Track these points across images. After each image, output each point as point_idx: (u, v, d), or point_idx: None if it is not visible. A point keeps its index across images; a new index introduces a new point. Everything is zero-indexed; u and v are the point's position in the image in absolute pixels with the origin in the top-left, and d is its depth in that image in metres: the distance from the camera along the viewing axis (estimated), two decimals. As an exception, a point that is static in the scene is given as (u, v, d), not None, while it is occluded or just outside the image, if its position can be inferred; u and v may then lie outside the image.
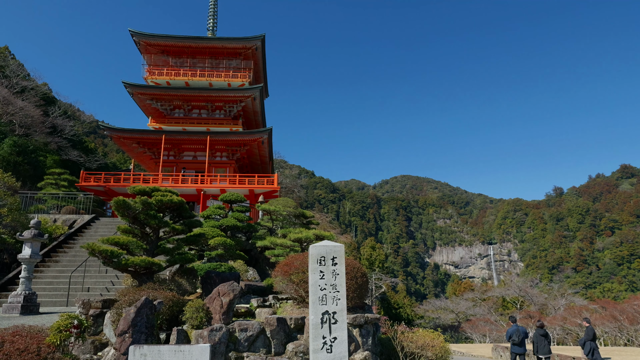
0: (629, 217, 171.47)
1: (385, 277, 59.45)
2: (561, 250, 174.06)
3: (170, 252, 11.84)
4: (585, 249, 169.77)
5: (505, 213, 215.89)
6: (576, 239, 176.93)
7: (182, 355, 6.36)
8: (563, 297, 49.91)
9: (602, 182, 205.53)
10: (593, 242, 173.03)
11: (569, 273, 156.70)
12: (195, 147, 36.70)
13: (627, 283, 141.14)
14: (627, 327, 28.23)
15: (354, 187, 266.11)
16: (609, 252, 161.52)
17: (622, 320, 28.76)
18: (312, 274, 6.18)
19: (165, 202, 11.72)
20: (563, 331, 36.22)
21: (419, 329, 9.55)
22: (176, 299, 9.22)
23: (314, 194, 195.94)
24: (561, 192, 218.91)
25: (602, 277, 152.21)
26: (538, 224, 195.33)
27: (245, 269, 15.30)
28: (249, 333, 8.18)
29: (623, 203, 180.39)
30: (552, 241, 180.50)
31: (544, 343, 13.02)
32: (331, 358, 5.87)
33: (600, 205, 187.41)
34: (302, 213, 19.58)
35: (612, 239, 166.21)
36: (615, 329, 29.55)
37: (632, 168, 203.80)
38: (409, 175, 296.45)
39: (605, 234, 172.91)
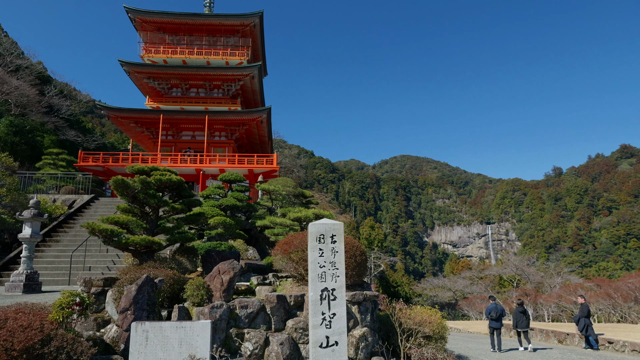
0: (626, 197, 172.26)
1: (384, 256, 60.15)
2: (558, 229, 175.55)
3: (170, 231, 11.89)
4: (583, 228, 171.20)
5: (504, 193, 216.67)
6: (574, 219, 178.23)
7: (184, 331, 6.45)
8: (559, 276, 50.63)
9: (601, 162, 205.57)
10: (590, 221, 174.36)
11: (565, 252, 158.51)
12: (193, 127, 36.44)
13: (622, 262, 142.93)
14: (621, 304, 28.74)
15: (353, 167, 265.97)
16: (605, 231, 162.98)
17: (616, 298, 29.25)
18: (312, 251, 6.22)
19: (165, 182, 11.69)
20: (558, 308, 36.88)
21: (416, 306, 9.69)
22: (177, 277, 9.30)
23: (314, 174, 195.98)
24: (560, 172, 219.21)
25: (598, 256, 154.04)
26: (536, 203, 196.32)
27: (245, 248, 15.42)
28: (250, 310, 8.29)
29: (621, 183, 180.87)
30: (550, 221, 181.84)
31: (523, 319, 14.38)
32: (330, 333, 5.96)
33: (598, 185, 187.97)
34: (301, 193, 19.61)
35: (609, 219, 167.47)
36: (609, 306, 30.09)
37: (631, 148, 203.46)
38: (408, 155, 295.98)
39: (602, 213, 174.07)
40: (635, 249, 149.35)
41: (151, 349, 6.33)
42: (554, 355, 13.30)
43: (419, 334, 8.53)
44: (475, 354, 13.85)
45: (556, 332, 18.76)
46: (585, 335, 15.47)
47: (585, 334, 15.45)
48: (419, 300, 56.18)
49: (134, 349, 6.34)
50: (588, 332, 15.37)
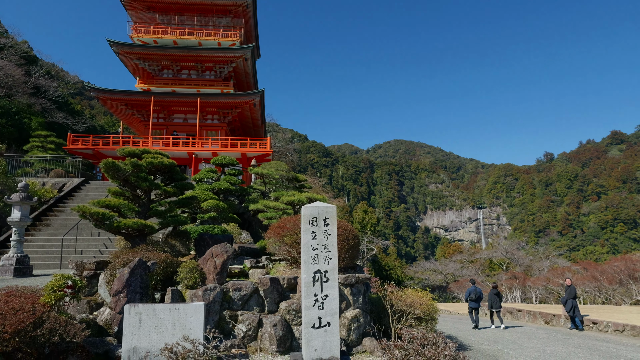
0: (615, 182, 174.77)
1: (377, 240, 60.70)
2: (548, 214, 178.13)
3: (163, 215, 11.85)
4: (572, 213, 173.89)
5: (496, 178, 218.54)
6: (563, 204, 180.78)
7: (177, 313, 6.49)
8: (547, 259, 51.60)
9: (591, 148, 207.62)
10: (579, 206, 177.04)
11: (554, 236, 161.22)
12: (185, 110, 36.00)
13: (609, 246, 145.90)
14: (606, 286, 29.45)
15: (347, 151, 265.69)
16: (594, 216, 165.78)
17: (601, 281, 29.95)
18: (305, 234, 6.24)
19: (156, 165, 11.59)
20: (546, 291, 37.70)
21: (408, 289, 9.83)
22: (170, 260, 9.31)
23: (307, 158, 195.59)
24: (551, 157, 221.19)
25: (586, 240, 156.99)
26: (527, 189, 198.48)
27: (239, 231, 15.44)
28: (243, 292, 8.36)
29: (611, 169, 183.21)
30: (540, 205, 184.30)
31: (496, 300, 16.45)
32: (322, 314, 6.04)
33: (588, 171, 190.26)
34: (295, 176, 19.57)
35: (597, 204, 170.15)
36: (595, 289, 30.82)
37: (622, 134, 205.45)
38: (402, 140, 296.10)
39: (591, 198, 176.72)
40: (621, 234, 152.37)
41: (145, 331, 6.37)
42: (526, 331, 14.75)
43: (410, 316, 8.68)
44: (465, 334, 14.17)
45: (543, 314, 19.22)
46: (572, 316, 15.88)
47: (572, 315, 15.85)
48: (410, 283, 57.03)
49: (127, 330, 6.37)
50: (575, 313, 15.77)
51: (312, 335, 6.02)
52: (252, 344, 7.90)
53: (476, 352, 10.40)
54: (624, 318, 16.00)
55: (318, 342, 6.00)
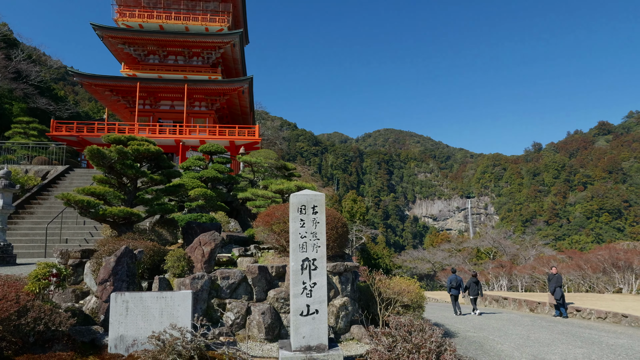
0: (601, 172, 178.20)
1: (366, 229, 61.17)
2: (535, 204, 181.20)
3: (149, 203, 11.75)
4: (558, 203, 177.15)
5: (484, 168, 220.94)
6: (550, 194, 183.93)
7: (165, 302, 6.49)
8: (533, 248, 52.62)
9: (579, 139, 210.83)
10: (566, 196, 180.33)
11: (541, 226, 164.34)
12: (172, 96, 35.48)
13: (594, 235, 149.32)
14: (590, 275, 30.18)
15: (336, 140, 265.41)
16: (580, 206, 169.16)
17: (586, 269, 30.67)
18: (293, 222, 6.26)
19: (142, 152, 11.45)
20: (531, 279, 38.50)
21: (396, 277, 9.96)
22: (157, 248, 9.27)
23: (296, 147, 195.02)
24: (540, 147, 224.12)
25: (571, 229, 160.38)
26: (515, 178, 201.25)
27: (227, 220, 15.41)
28: (231, 281, 8.38)
29: (597, 159, 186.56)
30: (528, 195, 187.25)
31: (475, 287, 17.68)
32: (311, 302, 6.10)
33: (575, 161, 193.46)
34: (283, 165, 19.54)
35: (583, 194, 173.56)
36: (579, 277, 31.58)
37: (609, 125, 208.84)
38: (392, 129, 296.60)
39: (578, 188, 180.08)
40: (606, 223, 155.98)
41: (132, 319, 6.36)
42: (511, 319, 15.25)
43: (398, 303, 8.81)
44: (451, 322, 14.46)
45: (528, 302, 19.69)
46: (560, 304, 16.30)
47: (560, 302, 16.28)
48: (398, 271, 57.81)
49: (114, 319, 6.36)
50: (561, 301, 16.19)
51: (300, 322, 6.09)
52: (240, 332, 7.95)
53: (462, 338, 10.62)
54: (606, 306, 16.48)
55: (306, 330, 6.07)
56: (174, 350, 5.66)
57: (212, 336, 6.54)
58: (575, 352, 9.06)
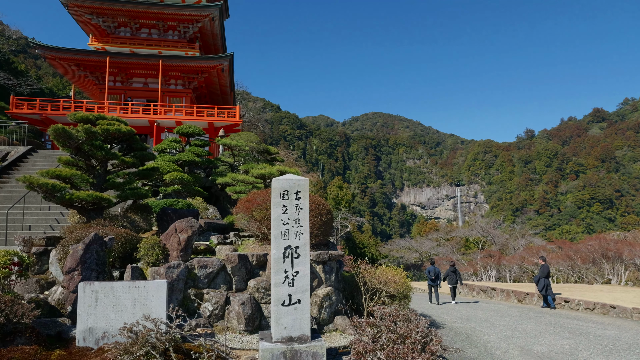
0: (594, 161, 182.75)
1: (352, 217, 61.64)
2: (526, 192, 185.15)
3: (121, 187, 11.57)
4: (550, 192, 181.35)
5: (475, 155, 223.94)
6: (542, 182, 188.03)
7: (138, 292, 6.43)
8: (523, 238, 53.98)
9: (573, 126, 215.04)
10: (558, 185, 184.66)
11: (531, 215, 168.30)
12: (145, 73, 34.65)
13: (584, 225, 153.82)
14: (580, 265, 31.16)
15: (322, 123, 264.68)
16: (571, 195, 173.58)
17: (575, 260, 31.64)
18: (275, 208, 6.25)
19: (113, 132, 11.21)
20: (520, 270, 39.59)
21: (382, 266, 10.10)
22: (129, 235, 9.19)
23: (280, 130, 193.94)
24: (532, 134, 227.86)
25: (562, 219, 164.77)
26: (506, 166, 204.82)
27: (205, 206, 15.32)
28: (209, 270, 8.37)
29: (590, 147, 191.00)
30: (519, 184, 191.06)
31: (453, 276, 19.01)
32: (293, 291, 6.13)
33: (568, 149, 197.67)
34: (266, 149, 19.48)
35: (575, 183, 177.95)
36: (569, 268, 32.60)
37: (603, 112, 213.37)
38: (380, 113, 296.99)
39: (570, 177, 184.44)
40: (597, 213, 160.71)
41: (101, 310, 6.30)
42: (498, 309, 15.83)
43: (383, 294, 8.95)
44: (438, 312, 14.79)
45: (516, 292, 20.24)
46: (544, 294, 16.81)
47: (544, 294, 16.78)
48: (385, 261, 58.59)
49: (82, 310, 6.28)
50: (547, 291, 16.69)
51: (281, 313, 6.13)
52: (218, 323, 7.97)
53: (449, 329, 10.89)
54: (594, 297, 17.07)
55: (288, 320, 6.12)
56: (148, 342, 5.63)
57: (188, 328, 6.54)
58: (562, 343, 9.38)
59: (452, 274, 19.14)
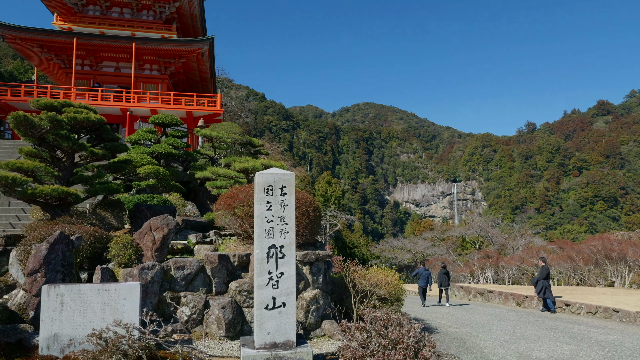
0: (598, 157, 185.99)
1: (341, 215, 61.85)
2: (526, 190, 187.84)
3: (90, 181, 11.44)
4: (551, 189, 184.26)
5: (473, 149, 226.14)
6: (543, 179, 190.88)
7: (108, 295, 6.37)
8: (523, 238, 54.81)
9: (576, 119, 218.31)
10: (559, 182, 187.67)
11: (531, 214, 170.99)
12: (117, 57, 34.14)
13: (587, 224, 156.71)
14: (581, 267, 31.77)
15: (310, 114, 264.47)
16: (573, 192, 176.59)
17: (577, 261, 32.25)
18: (258, 204, 6.23)
19: (81, 121, 11.03)
20: (519, 271, 40.22)
21: (373, 267, 10.16)
22: (99, 234, 9.10)
23: (264, 120, 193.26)
24: (533, 128, 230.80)
25: (564, 218, 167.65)
26: (506, 161, 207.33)
27: (183, 203, 15.23)
28: (187, 271, 8.33)
29: (595, 142, 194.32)
30: (519, 180, 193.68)
31: (445, 279, 20.32)
32: (277, 294, 6.14)
33: (571, 144, 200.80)
34: (249, 141, 19.45)
35: (578, 180, 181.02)
36: (570, 269, 33.22)
37: (609, 105, 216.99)
38: (372, 103, 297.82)
39: (572, 174, 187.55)
40: (601, 212, 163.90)
41: (68, 316, 6.22)
42: (496, 313, 16.06)
43: (374, 296, 9.01)
44: (433, 316, 14.95)
45: (515, 295, 20.56)
46: (543, 297, 17.11)
47: (543, 297, 17.07)
48: (376, 262, 58.97)
49: (46, 315, 6.20)
50: (546, 294, 16.98)
51: (265, 317, 6.13)
52: (197, 329, 7.94)
53: (444, 334, 11.01)
54: (597, 300, 17.43)
55: (272, 325, 6.12)
56: (119, 350, 5.59)
57: (164, 334, 6.50)
58: (562, 348, 9.57)
59: (443, 276, 20.21)
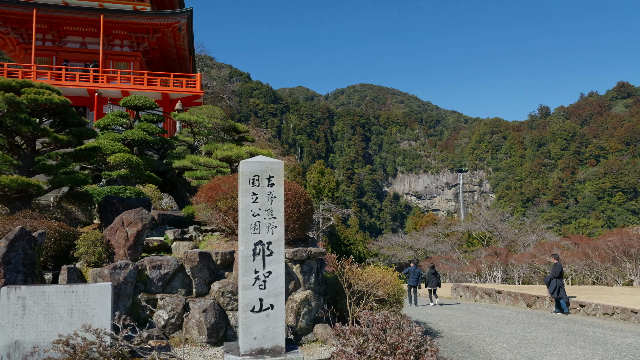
0: (617, 144, 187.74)
1: (336, 208, 62.01)
2: (539, 180, 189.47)
3: (54, 171, 11.38)
4: (566, 179, 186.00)
5: (480, 135, 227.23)
6: (557, 168, 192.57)
7: (76, 297, 6.36)
8: (534, 233, 55.41)
9: (594, 102, 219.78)
10: (575, 172, 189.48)
11: (544, 207, 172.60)
12: (83, 31, 33.74)
13: (604, 218, 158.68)
14: (598, 264, 32.22)
15: (301, 96, 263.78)
16: (590, 183, 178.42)
17: (593, 258, 32.69)
18: (243, 196, 6.23)
19: (42, 103, 10.94)
20: (530, 270, 40.73)
21: (370, 266, 10.22)
22: (65, 230, 9.09)
23: (250, 104, 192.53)
24: (547, 112, 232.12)
25: (579, 211, 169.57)
26: (517, 149, 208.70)
27: (159, 195, 15.21)
28: (164, 271, 8.33)
29: (613, 128, 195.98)
30: (530, 170, 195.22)
31: (433, 279, 22.14)
32: (264, 295, 6.16)
33: (588, 130, 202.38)
34: (233, 126, 19.43)
35: (595, 169, 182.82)
36: (585, 267, 33.68)
37: (629, 87, 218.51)
38: (370, 85, 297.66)
39: (589, 162, 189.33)
40: (619, 205, 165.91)
41: (30, 320, 6.21)
42: (504, 315, 16.44)
43: (372, 297, 9.08)
44: (435, 319, 15.12)
45: (525, 295, 20.83)
46: (556, 298, 17.35)
47: (556, 297, 17.31)
48: (374, 260, 59.35)
49: (6, 321, 6.18)
50: (559, 294, 17.22)
51: (251, 320, 6.15)
52: (175, 335, 7.97)
53: (447, 339, 11.15)
54: (614, 300, 17.70)
55: (258, 329, 6.15)
56: (88, 357, 5.60)
57: (138, 340, 6.51)
58: (576, 352, 9.73)
59: (432, 277, 22.13)
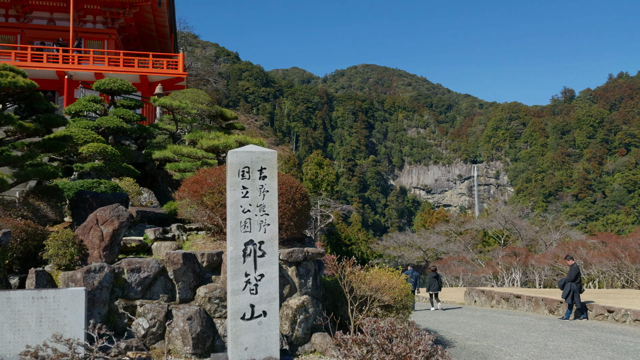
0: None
1: (335, 204, 62.09)
2: (562, 172, 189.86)
3: (19, 163, 11.37)
4: (592, 171, 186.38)
5: (497, 122, 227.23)
6: (582, 158, 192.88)
7: (45, 304, 6.37)
8: (557, 231, 55.52)
9: (624, 84, 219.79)
10: (603, 162, 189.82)
11: (568, 201, 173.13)
12: (51, 6, 33.58)
13: (635, 214, 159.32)
14: (628, 265, 32.32)
15: (296, 78, 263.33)
16: (619, 175, 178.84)
17: (623, 258, 32.78)
18: (232, 190, 6.21)
19: (6, 86, 10.92)
20: (553, 272, 40.85)
21: (374, 268, 10.25)
22: (33, 229, 9.10)
23: (238, 87, 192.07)
24: (572, 95, 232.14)
25: (607, 206, 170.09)
26: (538, 137, 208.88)
27: (138, 190, 15.20)
28: (144, 274, 8.33)
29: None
30: (553, 160, 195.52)
31: (434, 282, 23.64)
32: (256, 301, 6.16)
33: (617, 115, 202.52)
34: (220, 112, 19.37)
35: (625, 159, 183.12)
36: (614, 268, 33.80)
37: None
38: (373, 65, 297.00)
39: (618, 152, 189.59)
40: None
41: (-4, 329, 6.22)
42: (524, 322, 16.65)
43: (376, 303, 9.10)
44: (447, 327, 15.19)
45: (547, 300, 20.92)
46: (569, 303, 17.45)
47: (570, 302, 17.41)
48: (379, 262, 59.48)
49: (-32, 329, 6.19)
50: (574, 299, 17.32)
51: (241, 329, 6.16)
52: (157, 345, 7.98)
53: (460, 348, 11.21)
54: (645, 305, 17.78)
55: (250, 338, 6.16)
56: (60, 370, 5.61)
57: (116, 351, 6.53)
58: (603, 363, 9.80)
59: (433, 280, 23.59)
